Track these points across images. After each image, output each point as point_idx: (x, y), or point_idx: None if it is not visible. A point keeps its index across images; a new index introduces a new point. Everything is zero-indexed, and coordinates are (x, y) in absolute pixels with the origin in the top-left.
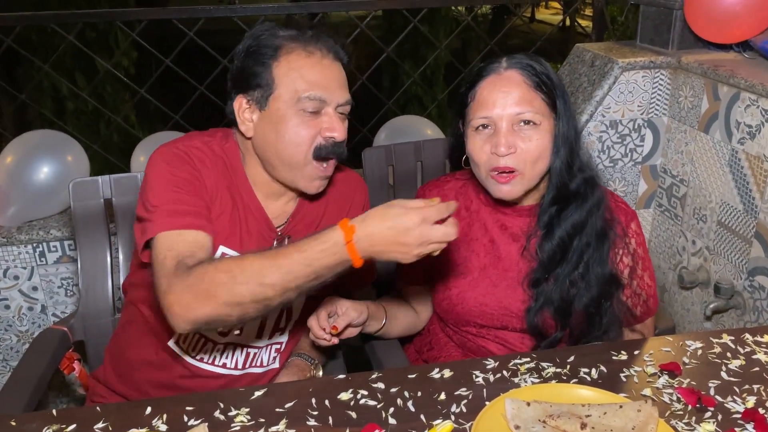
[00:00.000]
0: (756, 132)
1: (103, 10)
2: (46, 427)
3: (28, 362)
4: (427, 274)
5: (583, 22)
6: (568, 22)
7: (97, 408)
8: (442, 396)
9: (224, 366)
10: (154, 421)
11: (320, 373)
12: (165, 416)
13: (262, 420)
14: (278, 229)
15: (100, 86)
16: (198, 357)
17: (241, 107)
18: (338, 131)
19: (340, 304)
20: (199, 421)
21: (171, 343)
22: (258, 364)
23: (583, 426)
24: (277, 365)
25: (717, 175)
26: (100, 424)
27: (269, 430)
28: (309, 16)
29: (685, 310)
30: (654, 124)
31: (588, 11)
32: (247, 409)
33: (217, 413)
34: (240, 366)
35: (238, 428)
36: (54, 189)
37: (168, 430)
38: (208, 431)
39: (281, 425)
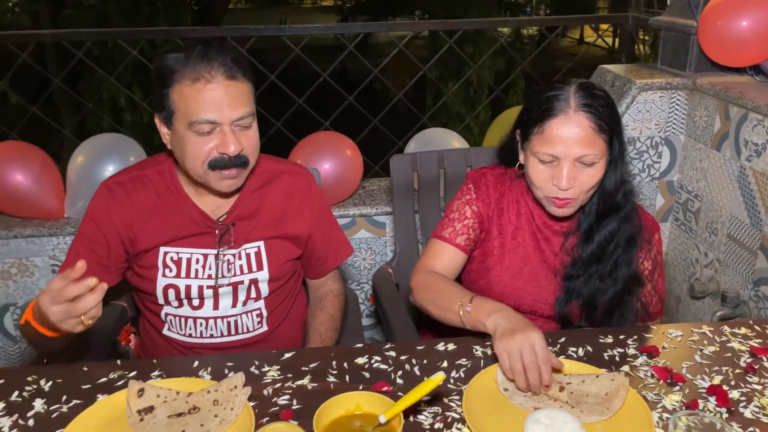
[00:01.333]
0: (762, 150)
1: (164, 28)
2: (111, 373)
3: (95, 328)
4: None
5: (640, 48)
6: (617, 44)
7: (154, 360)
8: (445, 364)
9: (212, 336)
10: (200, 372)
11: None
12: (209, 368)
13: (290, 375)
14: (219, 220)
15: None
16: (187, 334)
17: (159, 123)
18: (230, 147)
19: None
20: (237, 375)
21: (165, 332)
22: (244, 330)
23: (562, 389)
24: (265, 328)
25: (727, 191)
26: (156, 372)
27: (296, 383)
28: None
29: (698, 320)
30: (671, 142)
31: (641, 35)
32: (278, 367)
33: (252, 369)
34: (226, 333)
35: (269, 381)
36: None
37: (211, 378)
38: (244, 379)
39: (305, 380)
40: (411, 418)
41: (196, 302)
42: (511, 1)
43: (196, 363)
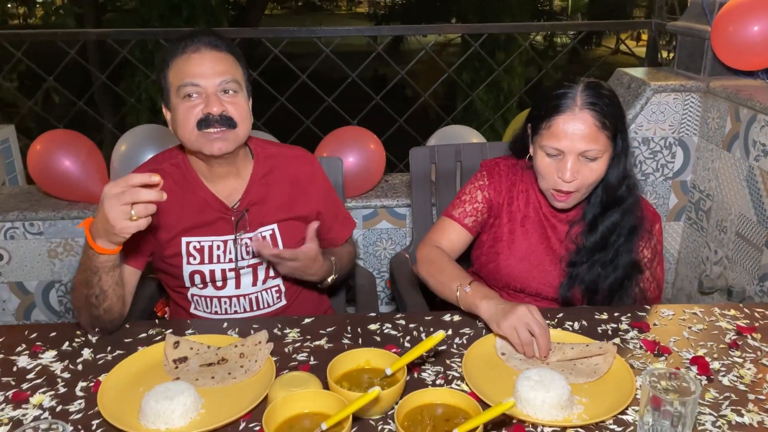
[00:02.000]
0: None
1: (205, 28)
2: (150, 330)
3: (135, 299)
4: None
5: (664, 53)
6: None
7: (188, 321)
8: (449, 332)
9: (236, 312)
10: (228, 332)
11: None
12: (237, 329)
13: (309, 337)
14: (233, 207)
15: None
16: (213, 312)
17: (165, 112)
18: (212, 107)
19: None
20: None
21: (192, 311)
22: (264, 305)
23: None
24: (284, 302)
25: (736, 190)
26: (190, 330)
27: (314, 343)
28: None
29: None
30: (685, 143)
31: (666, 42)
32: (298, 330)
33: (275, 330)
34: (248, 309)
35: (290, 341)
36: None
37: (239, 334)
38: (267, 335)
39: (322, 341)
40: (415, 375)
41: (219, 283)
42: (545, 9)
43: (225, 324)
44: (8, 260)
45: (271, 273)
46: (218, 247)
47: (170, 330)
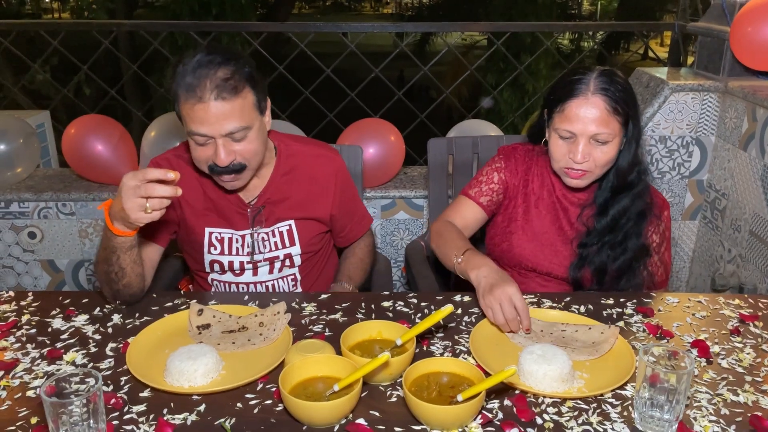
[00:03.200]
0: None
1: (234, 22)
2: (175, 299)
3: (160, 275)
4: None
5: (690, 59)
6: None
7: (211, 293)
8: (459, 311)
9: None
10: (249, 304)
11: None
12: (257, 301)
13: (325, 311)
14: (250, 203)
15: None
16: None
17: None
18: (221, 159)
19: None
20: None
21: (211, 292)
22: (280, 292)
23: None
24: (299, 290)
25: (751, 189)
26: (213, 302)
27: (329, 316)
28: (396, 36)
29: None
30: (702, 142)
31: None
32: (314, 304)
33: (293, 304)
34: None
35: (306, 314)
36: None
37: (258, 305)
38: (285, 306)
39: (337, 315)
40: (424, 347)
41: (237, 271)
42: (573, 13)
43: (245, 297)
44: (41, 239)
45: (287, 263)
46: (237, 240)
47: (194, 300)
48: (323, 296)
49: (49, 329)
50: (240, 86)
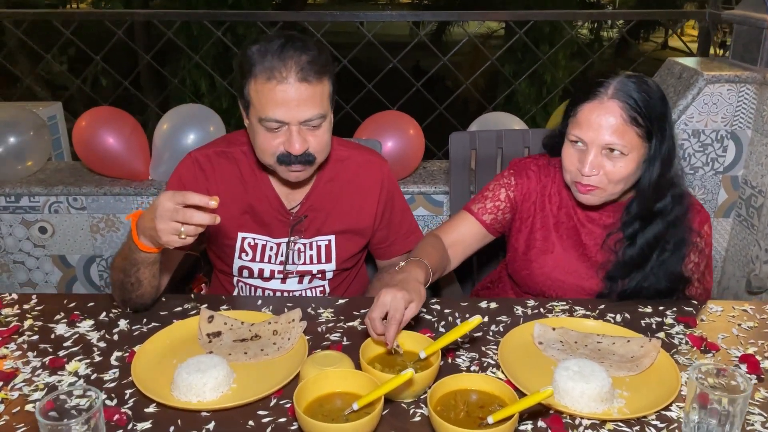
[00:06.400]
0: None
1: (248, 11)
2: (185, 304)
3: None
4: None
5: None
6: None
7: (222, 297)
8: (486, 319)
9: None
10: (263, 309)
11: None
12: (270, 306)
13: (342, 317)
14: (292, 211)
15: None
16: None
17: (242, 109)
18: (296, 147)
19: (397, 315)
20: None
21: (234, 294)
22: None
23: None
24: None
25: None
26: (225, 306)
27: (347, 324)
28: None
29: None
30: (737, 136)
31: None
32: (332, 310)
33: (308, 309)
34: (291, 303)
35: (323, 320)
36: None
37: (272, 311)
38: (301, 314)
39: (356, 322)
40: (449, 360)
41: (266, 278)
42: (592, 2)
43: (259, 302)
44: (52, 234)
45: (318, 275)
46: (271, 248)
47: (205, 305)
48: (341, 301)
49: (52, 335)
50: (323, 72)
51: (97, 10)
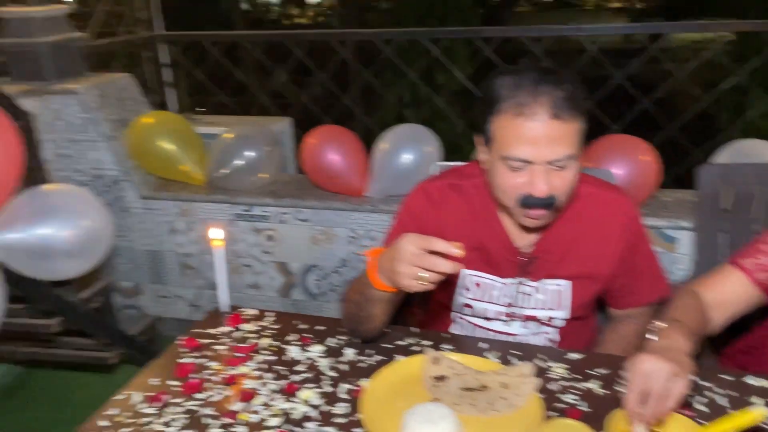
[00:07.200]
0: None
1: (460, 28)
2: (407, 338)
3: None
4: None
5: None
6: None
7: (443, 335)
8: (756, 399)
9: None
10: (486, 354)
11: None
12: (498, 353)
13: (578, 376)
14: (522, 250)
15: (437, 98)
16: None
17: (478, 143)
18: (540, 189)
19: (657, 387)
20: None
21: (450, 329)
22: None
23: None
24: None
25: None
26: (447, 345)
27: (584, 384)
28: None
29: None
30: None
31: None
32: (565, 366)
33: (536, 360)
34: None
35: (556, 377)
36: (413, 172)
37: (498, 358)
38: (533, 370)
39: (595, 384)
40: None
41: (489, 318)
42: None
43: (484, 344)
44: (277, 241)
45: (546, 321)
46: (498, 288)
47: (429, 342)
48: (574, 355)
49: (284, 358)
50: (576, 109)
51: (324, 30)
